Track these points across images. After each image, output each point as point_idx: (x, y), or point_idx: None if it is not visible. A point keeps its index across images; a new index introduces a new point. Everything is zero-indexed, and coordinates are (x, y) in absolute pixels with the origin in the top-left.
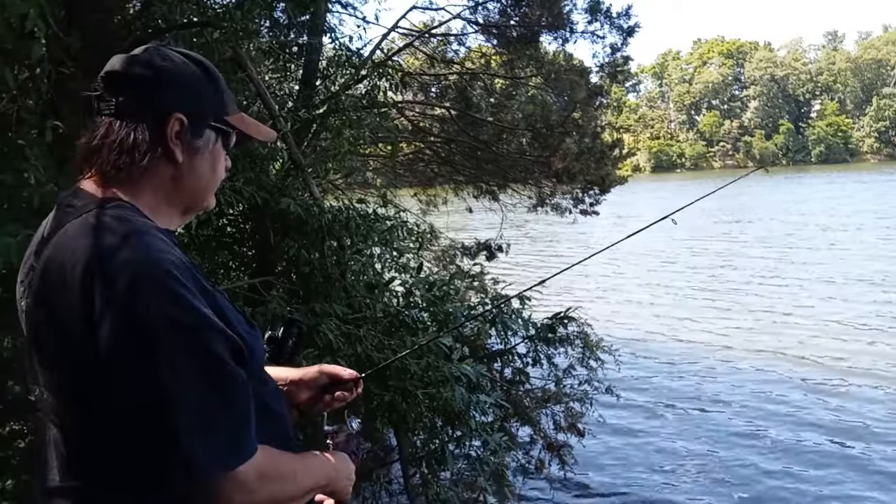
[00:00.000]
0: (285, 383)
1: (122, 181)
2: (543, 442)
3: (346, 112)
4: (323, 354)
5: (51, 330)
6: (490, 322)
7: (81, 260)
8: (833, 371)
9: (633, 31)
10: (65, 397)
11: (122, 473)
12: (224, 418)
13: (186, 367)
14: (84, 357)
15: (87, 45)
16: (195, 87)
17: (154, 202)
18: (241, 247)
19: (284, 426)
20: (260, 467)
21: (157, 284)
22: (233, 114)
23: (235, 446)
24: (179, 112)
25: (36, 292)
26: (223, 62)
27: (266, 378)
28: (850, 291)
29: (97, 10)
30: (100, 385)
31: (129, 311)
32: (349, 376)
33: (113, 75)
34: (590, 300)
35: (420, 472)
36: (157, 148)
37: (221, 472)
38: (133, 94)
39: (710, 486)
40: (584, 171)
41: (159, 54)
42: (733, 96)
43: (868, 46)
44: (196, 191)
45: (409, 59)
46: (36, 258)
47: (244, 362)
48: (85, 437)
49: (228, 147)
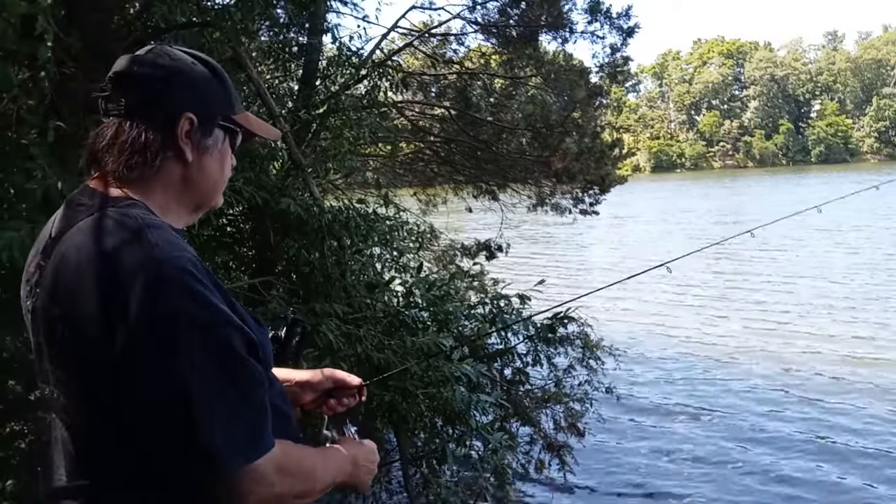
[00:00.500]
0: (291, 384)
1: (133, 181)
2: (543, 442)
3: (346, 112)
4: (323, 355)
5: (66, 328)
6: (490, 322)
7: (97, 258)
8: (837, 370)
9: (633, 32)
10: (77, 396)
11: (135, 471)
12: (243, 413)
13: (206, 363)
14: (101, 355)
15: (87, 46)
16: (204, 87)
17: (164, 201)
18: (241, 247)
19: (291, 426)
20: (279, 461)
21: (175, 281)
22: (239, 113)
23: (254, 440)
24: (189, 112)
25: (49, 291)
26: (223, 62)
27: (273, 378)
28: (852, 291)
29: (97, 10)
30: (116, 383)
31: (148, 308)
32: (355, 384)
33: (121, 76)
34: (590, 300)
35: (420, 472)
36: (168, 148)
37: (242, 464)
38: (142, 95)
39: (711, 487)
40: (584, 171)
41: (166, 54)
42: (733, 96)
43: (868, 46)
44: (205, 190)
45: (409, 58)
46: (44, 257)
47: (258, 359)
48: (95, 436)
49: (235, 146)
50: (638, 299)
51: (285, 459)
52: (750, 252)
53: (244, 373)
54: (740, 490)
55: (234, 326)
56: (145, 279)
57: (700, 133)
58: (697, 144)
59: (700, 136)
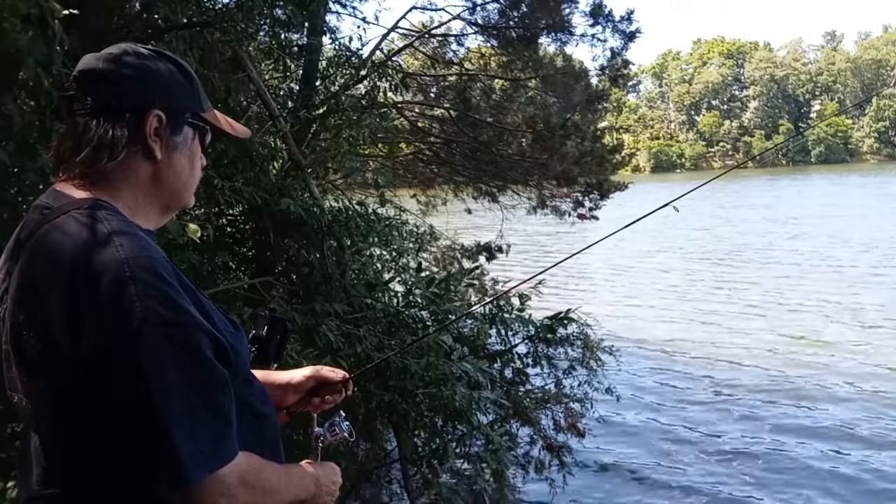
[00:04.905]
0: (272, 386)
1: (100, 181)
2: (543, 442)
3: (345, 112)
4: (323, 354)
5: (33, 334)
6: (490, 322)
7: (63, 261)
8: (838, 369)
9: (634, 36)
10: (45, 403)
11: (103, 478)
12: (206, 419)
13: (171, 367)
14: (67, 360)
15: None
16: (171, 84)
17: (133, 202)
18: (241, 247)
19: (271, 427)
20: (242, 472)
21: (141, 282)
22: (208, 110)
23: (217, 448)
24: (157, 109)
25: (16, 296)
26: (223, 62)
27: (251, 379)
28: (855, 291)
29: (97, 10)
30: (83, 388)
31: (114, 310)
32: (338, 378)
33: (87, 74)
34: (590, 300)
35: (420, 472)
36: (136, 145)
37: (204, 473)
38: (109, 92)
39: (712, 487)
40: (585, 175)
41: (133, 52)
42: (733, 96)
43: (868, 47)
44: (175, 188)
45: (409, 59)
46: (12, 262)
47: (228, 363)
48: (65, 443)
49: (205, 144)
50: (638, 300)
51: (248, 472)
52: (751, 254)
53: (209, 378)
54: (741, 489)
55: (203, 330)
56: (111, 280)
57: (700, 133)
58: (697, 145)
59: (700, 136)
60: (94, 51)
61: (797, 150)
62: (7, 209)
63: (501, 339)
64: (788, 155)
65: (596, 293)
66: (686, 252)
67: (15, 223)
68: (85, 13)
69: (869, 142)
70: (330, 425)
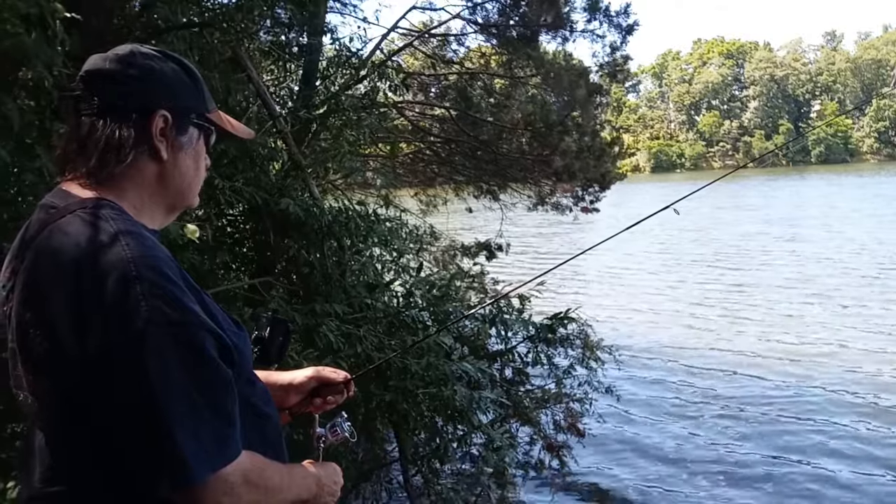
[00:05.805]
0: (274, 387)
1: (106, 181)
2: (543, 442)
3: (345, 112)
4: (323, 355)
5: (38, 332)
6: (490, 322)
7: (69, 260)
8: (839, 370)
9: (632, 30)
10: (50, 400)
11: (106, 477)
12: (209, 419)
13: (175, 366)
14: (73, 359)
15: (87, 47)
16: (177, 85)
17: (139, 201)
18: (241, 247)
19: (274, 427)
20: (245, 471)
21: (146, 281)
22: (212, 111)
23: (220, 447)
24: (163, 109)
25: (22, 295)
26: (223, 62)
27: (254, 379)
28: (857, 291)
29: (97, 11)
30: (87, 386)
31: (119, 309)
32: (340, 379)
33: (94, 74)
34: (590, 301)
35: (421, 472)
36: (142, 145)
37: (208, 472)
38: (116, 93)
39: (712, 487)
40: (584, 169)
41: (139, 52)
42: (733, 96)
43: (868, 47)
44: (181, 188)
45: (409, 59)
46: (18, 261)
47: (232, 363)
48: (69, 441)
49: (209, 144)
50: (639, 300)
51: (252, 471)
52: (753, 255)
53: (214, 378)
54: (741, 490)
55: (207, 329)
56: (117, 279)
57: (700, 133)
58: (697, 144)
59: (700, 136)
60: (94, 51)
61: (797, 150)
62: (6, 209)
63: (502, 340)
64: (788, 155)
65: (596, 293)
66: (684, 252)
67: (15, 223)
68: (85, 14)
69: (869, 142)
70: (331, 426)
